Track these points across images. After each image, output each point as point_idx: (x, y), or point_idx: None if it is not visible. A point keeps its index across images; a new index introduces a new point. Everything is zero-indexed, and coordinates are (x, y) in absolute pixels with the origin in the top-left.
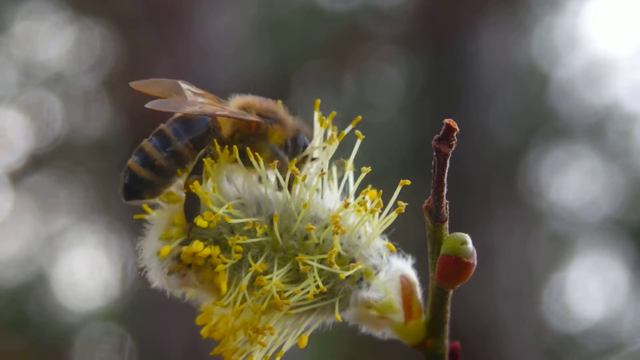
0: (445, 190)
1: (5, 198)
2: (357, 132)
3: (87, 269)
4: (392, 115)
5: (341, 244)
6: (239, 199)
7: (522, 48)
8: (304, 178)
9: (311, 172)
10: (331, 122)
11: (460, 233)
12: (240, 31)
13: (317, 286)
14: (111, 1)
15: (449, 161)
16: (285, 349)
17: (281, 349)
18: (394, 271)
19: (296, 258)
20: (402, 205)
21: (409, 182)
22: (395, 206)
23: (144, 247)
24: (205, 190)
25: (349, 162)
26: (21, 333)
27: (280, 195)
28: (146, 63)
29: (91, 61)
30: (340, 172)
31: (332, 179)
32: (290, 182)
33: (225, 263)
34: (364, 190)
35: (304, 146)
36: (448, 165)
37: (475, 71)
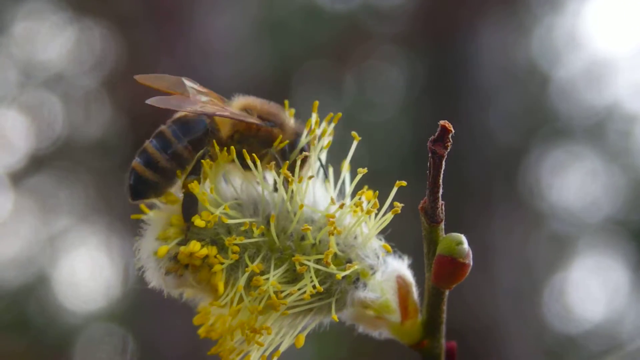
0: (440, 191)
1: (5, 199)
2: (354, 134)
3: (88, 270)
4: (392, 115)
5: (337, 244)
6: (236, 199)
7: (522, 48)
8: (300, 179)
9: (307, 173)
10: (327, 123)
11: (456, 234)
12: (240, 31)
13: (314, 286)
14: (111, 1)
15: (444, 162)
16: (282, 348)
17: (278, 348)
18: (391, 271)
19: (293, 258)
20: (398, 206)
21: (405, 183)
22: (391, 207)
23: (141, 247)
24: (203, 190)
25: (345, 162)
26: (22, 334)
27: (277, 196)
28: (146, 63)
29: (91, 61)
30: (338, 172)
31: (328, 180)
32: (287, 184)
33: (223, 263)
34: (360, 191)
35: (303, 150)
36: (444, 167)
37: (476, 71)
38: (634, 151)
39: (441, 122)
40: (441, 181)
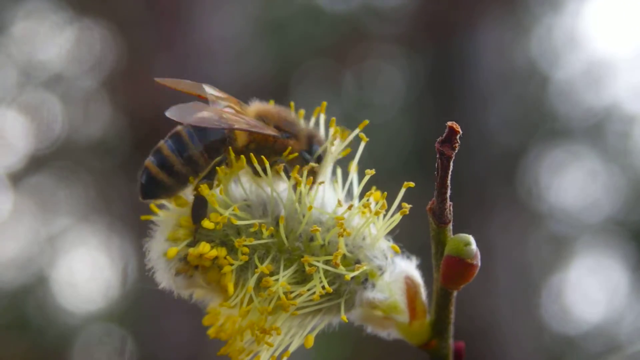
0: (448, 192)
1: (5, 199)
2: (361, 135)
3: (87, 270)
4: (392, 115)
5: (346, 245)
6: (245, 200)
7: (521, 49)
8: (308, 182)
9: (317, 179)
10: (336, 126)
11: (464, 234)
12: (240, 31)
13: (323, 287)
14: (111, 1)
15: (452, 163)
16: (291, 349)
17: (288, 349)
18: (399, 272)
19: (302, 259)
20: (406, 206)
21: (412, 184)
22: (399, 208)
23: (151, 248)
24: (212, 192)
25: (353, 164)
26: (21, 334)
27: (286, 198)
28: (146, 63)
29: (91, 61)
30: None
31: (336, 181)
32: (296, 186)
33: (232, 264)
34: (368, 192)
35: (318, 157)
36: (451, 168)
37: (475, 72)
38: (633, 152)
39: (449, 123)
40: (449, 182)
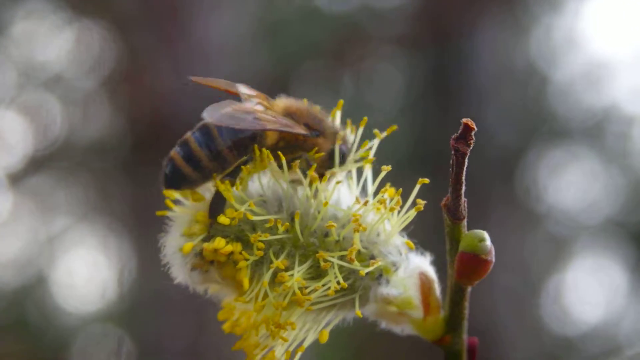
0: (463, 188)
1: (4, 199)
2: (376, 132)
3: (86, 271)
4: (392, 116)
5: (361, 241)
6: (261, 196)
7: (520, 49)
8: (324, 179)
9: (336, 178)
10: (351, 124)
11: (479, 230)
12: (239, 31)
13: (338, 282)
14: (111, 2)
15: (467, 160)
16: (306, 344)
17: (302, 343)
18: (413, 268)
19: (317, 255)
20: (421, 203)
21: (427, 180)
22: (414, 204)
23: (166, 243)
24: (230, 188)
25: (368, 160)
26: (20, 335)
27: (301, 194)
28: (146, 64)
29: (91, 62)
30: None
31: (351, 178)
32: (311, 182)
33: (247, 259)
34: (383, 188)
35: (343, 155)
36: (466, 164)
37: (474, 72)
38: (632, 153)
39: (464, 119)
40: (464, 178)
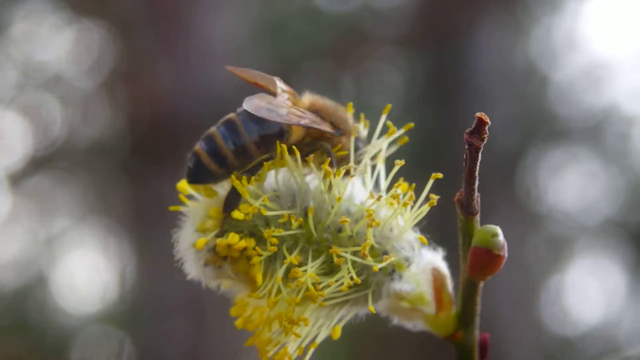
0: (477, 183)
1: (4, 200)
2: (389, 123)
3: (86, 272)
4: (392, 116)
5: (374, 236)
6: (275, 191)
7: (521, 50)
8: (338, 173)
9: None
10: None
11: (492, 225)
12: (239, 32)
13: (351, 278)
14: (111, 2)
15: (480, 154)
16: (319, 340)
17: (315, 339)
18: (426, 263)
19: (330, 250)
20: (434, 198)
21: (440, 175)
22: (427, 199)
23: (179, 239)
24: (245, 182)
25: (381, 155)
26: (20, 336)
27: (315, 188)
28: (145, 64)
29: (90, 62)
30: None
31: (365, 172)
32: (325, 177)
33: (261, 255)
34: (396, 183)
35: (359, 150)
36: (480, 158)
37: (475, 73)
38: (632, 153)
39: (478, 114)
40: (477, 173)
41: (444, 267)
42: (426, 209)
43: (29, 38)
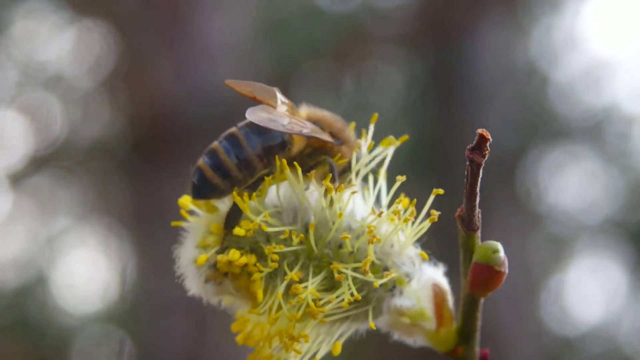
0: (477, 199)
1: (4, 200)
2: (391, 138)
3: (86, 271)
4: (393, 116)
5: (375, 252)
6: (276, 207)
7: (521, 49)
8: (339, 189)
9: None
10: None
11: (492, 241)
12: (240, 31)
13: (352, 294)
14: (111, 2)
15: (481, 171)
16: (319, 356)
17: (315, 356)
18: (426, 279)
19: (331, 266)
20: (435, 214)
21: (441, 191)
22: (428, 215)
23: (180, 255)
24: (246, 199)
25: (382, 170)
26: (20, 335)
27: (316, 204)
28: (146, 64)
29: (91, 62)
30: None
31: (366, 188)
32: (326, 192)
33: (262, 271)
34: (397, 199)
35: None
36: (481, 175)
37: (475, 72)
38: (632, 153)
39: (479, 130)
40: (478, 189)
41: (444, 283)
42: (427, 224)
43: (29, 37)
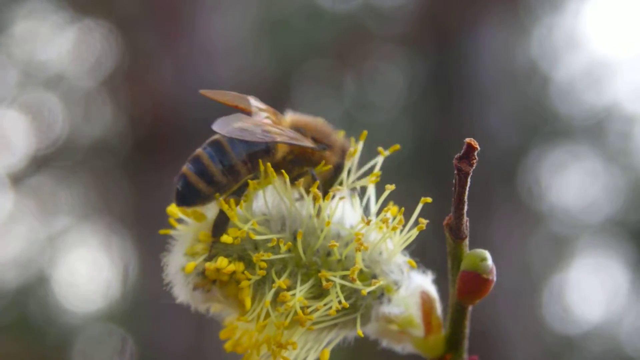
0: (465, 207)
1: (6, 199)
2: (380, 149)
3: (88, 270)
4: (393, 115)
5: (363, 260)
6: (264, 215)
7: (522, 49)
8: (328, 197)
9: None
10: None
11: (480, 250)
12: (240, 31)
13: (340, 302)
14: (112, 1)
15: (470, 179)
16: None
17: None
18: (415, 287)
19: (319, 274)
20: (423, 222)
21: (430, 199)
22: (416, 223)
23: (169, 262)
24: (233, 206)
25: (371, 178)
26: (22, 334)
27: (304, 212)
28: (147, 63)
29: (92, 61)
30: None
31: (354, 196)
32: (314, 200)
33: (250, 279)
34: (385, 207)
35: (348, 172)
36: (469, 183)
37: (476, 72)
38: (633, 152)
39: (467, 139)
40: (466, 198)
41: (433, 291)
42: (415, 233)
43: (30, 37)
